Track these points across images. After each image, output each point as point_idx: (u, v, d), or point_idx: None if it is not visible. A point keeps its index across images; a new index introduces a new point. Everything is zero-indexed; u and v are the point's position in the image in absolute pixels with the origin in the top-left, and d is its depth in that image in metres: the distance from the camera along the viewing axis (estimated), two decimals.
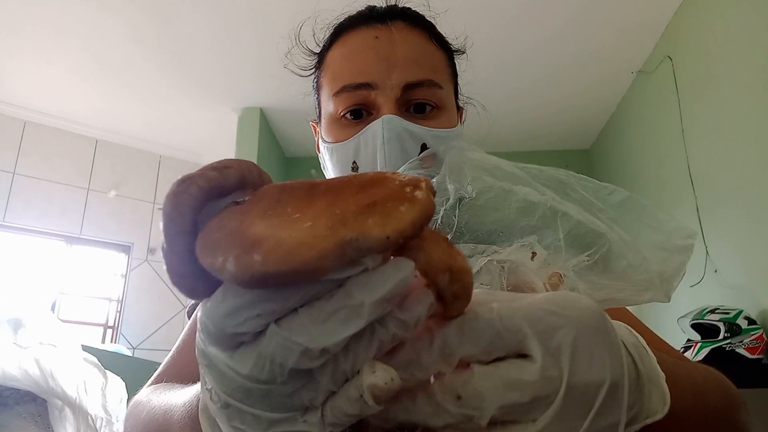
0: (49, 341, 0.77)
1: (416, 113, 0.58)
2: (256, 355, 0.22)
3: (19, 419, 0.73)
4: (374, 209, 0.22)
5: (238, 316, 0.22)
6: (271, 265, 0.21)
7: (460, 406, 0.24)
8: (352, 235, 0.21)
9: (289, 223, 0.22)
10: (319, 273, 0.21)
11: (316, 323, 0.22)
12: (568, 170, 0.38)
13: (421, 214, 0.22)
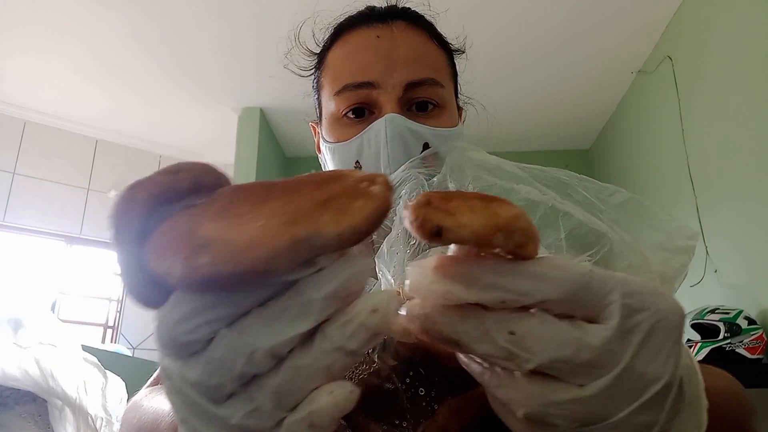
0: (49, 341, 0.77)
1: (418, 111, 0.58)
2: (206, 360, 0.22)
3: (19, 419, 0.73)
4: (329, 206, 0.22)
5: (189, 323, 0.21)
6: (221, 266, 0.20)
7: (510, 342, 0.23)
8: (305, 232, 0.21)
9: (241, 224, 0.22)
10: (271, 273, 0.20)
11: (265, 323, 0.21)
12: (569, 170, 0.38)
13: (377, 210, 0.22)
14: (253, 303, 0.22)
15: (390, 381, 0.34)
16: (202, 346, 0.22)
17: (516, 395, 0.24)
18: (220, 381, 0.22)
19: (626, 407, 0.23)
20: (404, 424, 0.33)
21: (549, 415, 0.23)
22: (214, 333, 0.22)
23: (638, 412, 0.23)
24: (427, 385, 0.33)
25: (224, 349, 0.22)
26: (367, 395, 0.34)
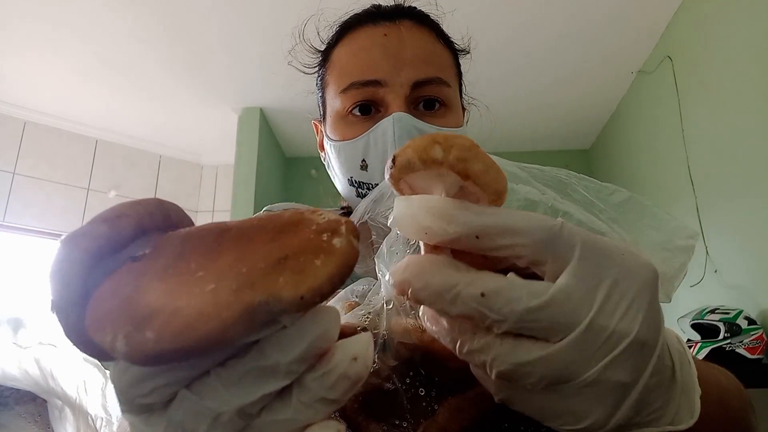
0: (49, 341, 0.77)
1: (425, 110, 0.58)
2: (166, 422, 0.20)
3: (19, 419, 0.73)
4: (286, 265, 0.20)
5: (143, 386, 0.20)
6: (167, 342, 0.18)
7: (481, 303, 0.24)
8: (261, 298, 0.19)
9: (189, 286, 0.20)
10: (225, 343, 0.19)
11: (227, 385, 0.20)
12: (569, 170, 0.38)
13: (339, 267, 0.20)
14: (210, 363, 0.20)
15: (390, 381, 0.34)
16: (162, 407, 0.21)
17: (488, 357, 0.24)
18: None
19: (596, 364, 0.23)
20: (404, 424, 0.33)
21: (521, 373, 0.24)
22: (172, 395, 0.20)
23: (610, 369, 0.23)
24: (427, 385, 0.33)
25: (185, 413, 0.20)
26: (367, 395, 0.34)
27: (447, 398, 0.33)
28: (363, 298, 0.39)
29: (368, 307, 0.36)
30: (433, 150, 0.25)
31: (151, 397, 0.20)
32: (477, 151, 0.25)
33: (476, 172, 0.25)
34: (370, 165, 0.57)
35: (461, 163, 0.24)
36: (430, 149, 0.25)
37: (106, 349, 0.19)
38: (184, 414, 0.20)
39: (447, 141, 0.25)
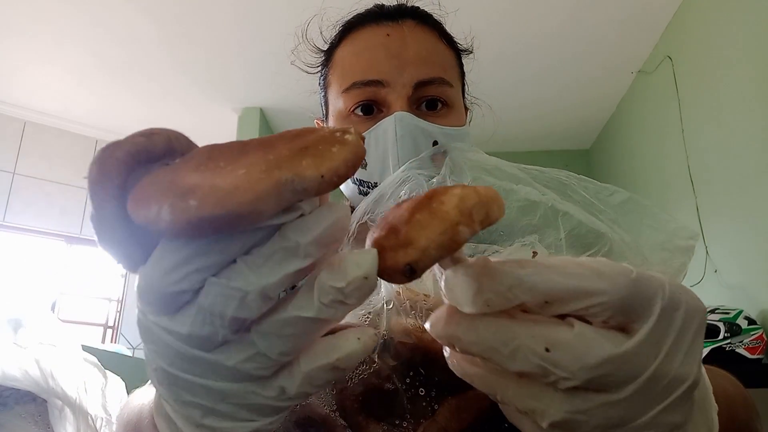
0: (49, 341, 0.77)
1: (428, 110, 0.58)
2: (196, 309, 0.22)
3: (19, 419, 0.73)
4: (307, 152, 0.22)
5: (176, 273, 0.21)
6: (208, 209, 0.20)
7: (545, 359, 0.22)
8: (287, 176, 0.21)
9: (223, 173, 0.22)
10: (257, 216, 0.21)
11: (253, 268, 0.22)
12: (569, 171, 0.38)
13: (354, 154, 0.23)
14: (238, 251, 0.22)
15: (390, 381, 0.34)
16: (191, 297, 0.22)
17: (541, 406, 0.23)
18: (212, 329, 0.22)
19: (654, 407, 0.22)
20: (404, 424, 0.33)
21: (576, 422, 0.22)
22: (200, 282, 0.22)
23: (666, 412, 0.23)
24: (427, 385, 0.33)
25: (214, 296, 0.21)
26: (367, 395, 0.34)
27: (447, 398, 0.33)
28: None
29: (368, 307, 0.36)
30: (460, 234, 0.22)
31: (184, 283, 0.21)
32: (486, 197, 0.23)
33: (496, 216, 0.23)
34: (370, 164, 0.57)
35: (486, 221, 0.23)
36: (457, 236, 0.22)
37: (150, 221, 0.20)
38: (213, 298, 0.21)
39: (463, 213, 0.22)
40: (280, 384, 0.23)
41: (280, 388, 0.23)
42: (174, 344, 0.22)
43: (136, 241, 0.23)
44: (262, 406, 0.23)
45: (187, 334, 0.22)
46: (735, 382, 0.40)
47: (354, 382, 0.34)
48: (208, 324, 0.22)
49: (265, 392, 0.23)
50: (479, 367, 0.25)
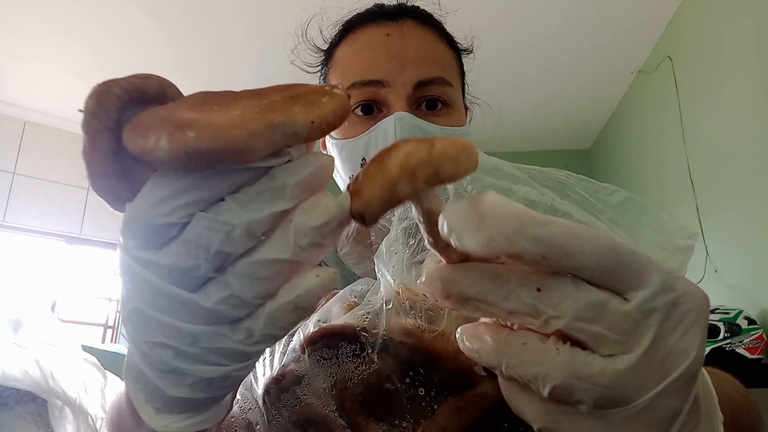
0: (49, 341, 0.77)
1: (428, 109, 0.58)
2: (181, 242, 0.22)
3: (19, 419, 0.73)
4: (299, 100, 0.24)
5: (166, 206, 0.22)
6: (205, 142, 0.21)
7: (536, 298, 0.23)
8: (280, 119, 0.22)
9: (218, 113, 0.23)
10: (249, 154, 0.22)
11: (241, 205, 0.22)
12: (568, 171, 0.38)
13: (341, 106, 0.24)
14: (227, 189, 0.23)
15: (390, 381, 0.34)
16: (177, 233, 0.23)
17: (543, 370, 0.23)
18: (196, 262, 0.22)
19: (653, 387, 0.22)
20: (404, 424, 0.33)
21: (576, 389, 0.22)
22: (189, 217, 0.22)
23: (664, 395, 0.22)
24: (426, 385, 0.33)
25: (201, 229, 0.22)
26: (367, 395, 0.34)
27: (447, 398, 0.33)
28: (362, 298, 0.39)
29: (367, 307, 0.36)
30: (399, 190, 0.22)
31: (172, 215, 0.22)
32: (438, 154, 0.23)
33: (451, 174, 0.23)
34: None
35: (434, 179, 0.23)
36: (396, 191, 0.22)
37: (147, 151, 0.21)
38: (199, 231, 0.22)
39: (404, 169, 0.22)
40: (247, 326, 0.24)
41: (248, 331, 0.24)
42: (154, 282, 0.23)
43: (126, 178, 0.24)
44: (231, 351, 0.24)
45: (170, 266, 0.22)
46: (738, 386, 0.40)
47: (354, 382, 0.34)
48: (192, 257, 0.22)
49: (235, 335, 0.23)
50: (484, 341, 0.25)
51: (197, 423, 0.26)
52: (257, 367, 0.42)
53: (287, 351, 0.39)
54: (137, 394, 0.26)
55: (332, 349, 0.35)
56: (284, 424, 0.36)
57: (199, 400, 0.25)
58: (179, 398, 0.25)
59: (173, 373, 0.24)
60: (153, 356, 0.24)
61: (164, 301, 0.23)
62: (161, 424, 0.26)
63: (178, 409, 0.25)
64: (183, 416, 0.26)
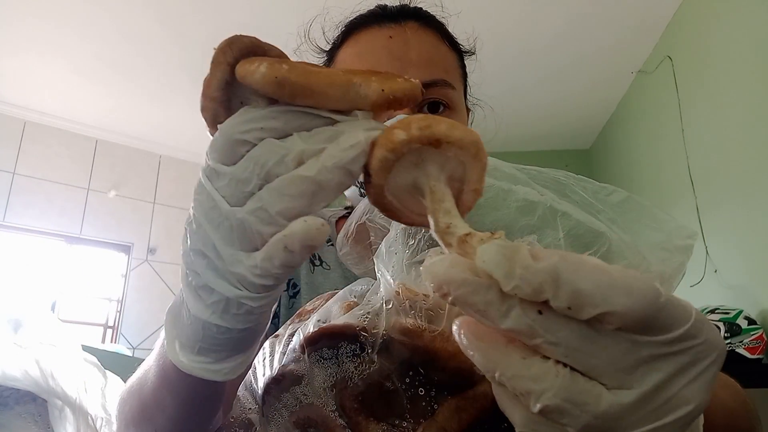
0: (49, 341, 0.77)
1: (429, 112, 0.58)
2: (247, 157, 0.27)
3: (19, 419, 0.73)
4: (378, 75, 0.28)
5: (245, 125, 0.27)
6: (294, 75, 0.26)
7: (536, 321, 0.22)
8: (358, 80, 0.27)
9: (313, 67, 0.27)
10: (324, 98, 0.26)
11: (303, 138, 0.26)
12: (568, 171, 0.38)
13: (412, 88, 0.28)
14: (297, 127, 0.27)
15: (390, 381, 0.34)
16: (249, 148, 0.27)
17: (538, 388, 0.22)
18: (250, 176, 0.26)
19: (644, 426, 0.22)
20: (404, 424, 0.33)
21: (567, 413, 0.22)
22: (260, 140, 0.27)
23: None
24: (426, 385, 0.33)
25: (264, 150, 0.26)
26: (367, 395, 0.34)
27: (447, 398, 0.33)
28: (362, 298, 0.39)
29: (367, 307, 0.36)
30: (394, 135, 0.26)
31: (247, 135, 0.27)
32: (434, 117, 0.26)
33: (443, 132, 0.26)
34: None
35: (426, 130, 0.25)
36: (392, 135, 0.26)
37: (249, 73, 0.27)
38: (262, 151, 0.26)
39: (402, 122, 0.26)
40: (255, 256, 0.27)
41: (255, 260, 0.27)
42: (213, 193, 0.27)
43: (227, 107, 0.29)
44: (242, 276, 0.27)
45: (230, 176, 0.27)
46: (736, 391, 0.39)
47: (354, 382, 0.34)
48: (249, 171, 0.26)
49: (247, 261, 0.27)
50: (481, 344, 0.24)
51: (209, 367, 0.31)
52: (257, 367, 0.42)
53: (287, 351, 0.39)
54: (171, 330, 0.32)
55: (332, 349, 0.35)
56: (284, 424, 0.36)
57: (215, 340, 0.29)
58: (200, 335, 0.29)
59: (202, 290, 0.29)
60: (192, 266, 0.29)
61: (214, 212, 0.27)
62: (181, 360, 0.31)
63: (197, 349, 0.30)
64: (200, 357, 0.30)
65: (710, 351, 0.23)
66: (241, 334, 0.30)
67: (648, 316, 0.21)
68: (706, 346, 0.23)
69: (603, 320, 0.22)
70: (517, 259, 0.22)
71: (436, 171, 0.27)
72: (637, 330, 0.22)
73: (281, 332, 0.42)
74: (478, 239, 0.24)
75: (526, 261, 0.22)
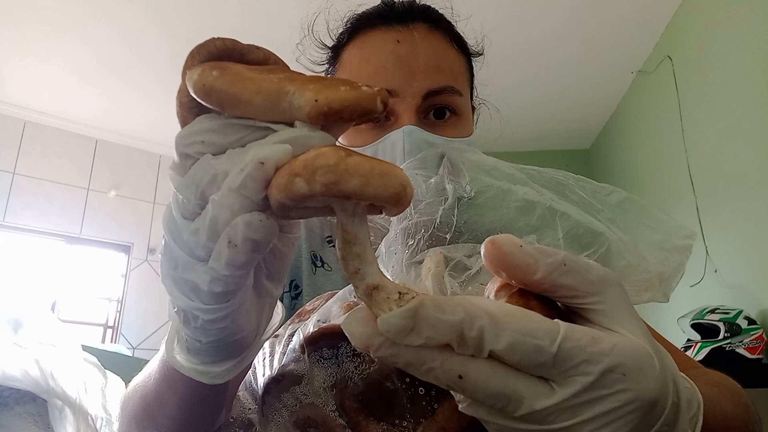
0: (49, 341, 0.77)
1: (436, 118, 0.57)
2: (188, 175, 0.26)
3: (19, 419, 0.73)
4: (321, 81, 0.25)
5: (189, 138, 0.26)
6: (220, 83, 0.25)
7: (456, 383, 0.23)
8: (291, 88, 0.24)
9: (253, 71, 0.26)
10: (251, 107, 0.25)
11: (231, 156, 0.25)
12: (567, 171, 0.38)
13: (356, 99, 0.24)
14: (236, 141, 0.26)
15: (390, 380, 0.34)
16: (193, 163, 0.26)
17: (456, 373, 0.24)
18: (188, 195, 0.26)
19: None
20: (404, 424, 0.33)
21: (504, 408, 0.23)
22: (200, 154, 0.26)
23: None
24: (426, 384, 0.33)
25: (199, 168, 0.26)
26: (367, 394, 0.34)
27: (447, 398, 0.33)
28: None
29: None
30: (295, 185, 0.23)
31: (191, 148, 0.26)
32: (347, 165, 0.22)
33: (354, 190, 0.22)
34: None
35: (333, 187, 0.22)
36: (292, 185, 0.23)
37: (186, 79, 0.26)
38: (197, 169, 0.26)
39: (306, 167, 0.22)
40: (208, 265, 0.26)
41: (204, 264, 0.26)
42: (173, 207, 0.27)
43: (194, 113, 0.28)
44: (194, 286, 0.27)
45: (176, 190, 0.27)
46: (735, 396, 0.39)
47: (354, 381, 0.34)
48: (186, 190, 0.26)
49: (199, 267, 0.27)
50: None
51: (198, 368, 0.31)
52: (257, 367, 0.42)
53: (287, 351, 0.39)
54: (173, 328, 0.32)
55: (332, 348, 0.35)
56: (284, 424, 0.37)
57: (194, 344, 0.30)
58: (185, 338, 0.30)
59: (170, 299, 0.29)
60: (162, 274, 0.29)
61: (172, 224, 0.27)
62: (175, 357, 0.32)
63: (187, 349, 0.31)
64: (191, 357, 0.31)
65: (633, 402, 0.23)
66: (212, 345, 0.30)
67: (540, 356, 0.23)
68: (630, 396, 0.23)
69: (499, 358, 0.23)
70: (422, 317, 0.23)
71: (350, 207, 0.25)
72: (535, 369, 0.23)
73: (281, 332, 0.42)
74: (384, 296, 0.24)
75: (431, 318, 0.23)
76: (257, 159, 0.24)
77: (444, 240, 0.39)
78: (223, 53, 0.27)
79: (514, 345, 0.22)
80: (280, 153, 0.24)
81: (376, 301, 0.24)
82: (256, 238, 0.25)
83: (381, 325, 0.23)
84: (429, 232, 0.39)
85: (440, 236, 0.39)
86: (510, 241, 0.25)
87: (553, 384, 0.23)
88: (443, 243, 0.39)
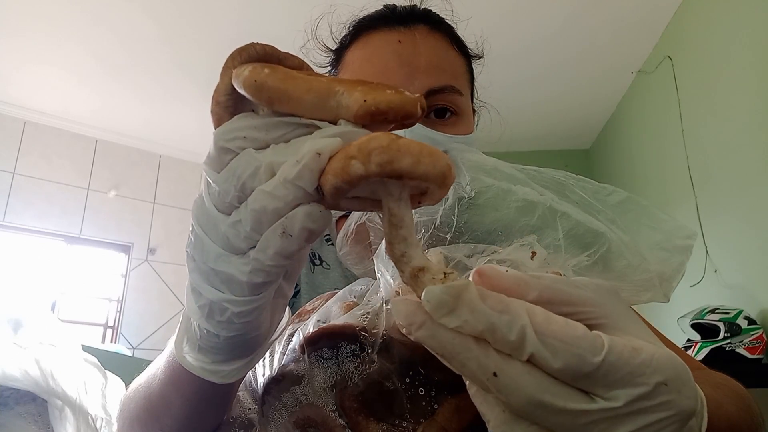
0: (49, 341, 0.77)
1: (437, 117, 0.58)
2: (227, 168, 0.27)
3: (19, 419, 0.73)
4: (367, 84, 0.26)
5: (230, 134, 0.27)
6: (272, 80, 0.26)
7: (490, 380, 0.23)
8: (340, 88, 0.25)
9: (303, 74, 0.27)
10: (301, 104, 0.26)
11: (276, 150, 0.26)
12: (568, 171, 0.38)
13: (401, 102, 0.25)
14: (277, 136, 0.26)
15: (390, 380, 0.34)
16: (233, 158, 0.27)
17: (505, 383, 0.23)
18: (228, 187, 0.26)
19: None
20: (404, 424, 0.33)
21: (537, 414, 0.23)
22: (241, 149, 0.27)
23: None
24: (426, 385, 0.33)
25: (240, 161, 0.26)
26: (367, 394, 0.34)
27: (447, 398, 0.33)
28: (361, 298, 0.39)
29: (367, 307, 0.36)
30: (351, 167, 0.23)
31: (232, 143, 0.27)
32: (398, 145, 0.23)
33: (407, 168, 0.23)
34: None
35: (387, 166, 0.23)
36: (348, 167, 0.23)
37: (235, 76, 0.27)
38: (239, 161, 0.26)
39: (362, 150, 0.23)
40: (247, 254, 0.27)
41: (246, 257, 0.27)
42: (206, 198, 0.28)
43: (229, 112, 0.29)
44: (229, 277, 0.27)
45: (216, 185, 0.27)
46: (739, 399, 0.39)
47: (354, 381, 0.34)
48: (227, 182, 0.26)
49: (238, 259, 0.27)
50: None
51: (207, 368, 0.31)
52: (257, 368, 0.42)
53: (287, 351, 0.39)
54: (183, 327, 0.32)
55: (332, 349, 0.35)
56: (284, 424, 0.37)
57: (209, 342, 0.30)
58: (198, 334, 0.30)
59: (194, 292, 0.29)
60: (189, 268, 0.29)
61: (205, 217, 0.28)
62: (185, 356, 0.32)
63: (198, 348, 0.31)
64: (201, 356, 0.31)
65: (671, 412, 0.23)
66: (230, 341, 0.30)
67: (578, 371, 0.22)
68: (670, 406, 0.22)
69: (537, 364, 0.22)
70: (464, 299, 0.23)
71: (397, 191, 0.26)
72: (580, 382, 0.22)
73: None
74: (430, 277, 0.24)
75: (473, 303, 0.23)
76: (314, 150, 0.24)
77: (444, 240, 0.39)
78: (262, 57, 0.28)
79: (557, 352, 0.22)
80: (335, 144, 0.25)
81: (422, 282, 0.24)
82: (314, 228, 0.25)
83: (425, 295, 0.23)
84: (429, 232, 0.39)
85: (440, 236, 0.39)
86: (494, 268, 0.25)
87: (593, 395, 0.22)
88: (443, 243, 0.39)
